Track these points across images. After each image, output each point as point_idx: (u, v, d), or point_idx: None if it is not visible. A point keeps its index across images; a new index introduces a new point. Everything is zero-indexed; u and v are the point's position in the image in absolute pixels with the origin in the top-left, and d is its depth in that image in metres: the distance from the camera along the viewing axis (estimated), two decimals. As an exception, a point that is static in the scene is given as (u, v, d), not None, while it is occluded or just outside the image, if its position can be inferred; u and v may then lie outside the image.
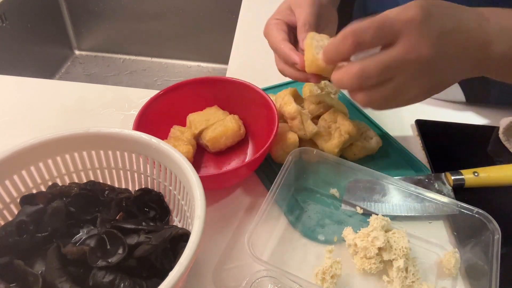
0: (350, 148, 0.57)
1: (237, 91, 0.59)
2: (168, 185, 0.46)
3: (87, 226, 0.43)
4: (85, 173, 0.48)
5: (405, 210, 0.51)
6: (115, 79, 1.31)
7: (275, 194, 0.47)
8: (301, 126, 0.54)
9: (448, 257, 0.46)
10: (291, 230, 0.50)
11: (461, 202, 0.47)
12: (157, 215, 0.46)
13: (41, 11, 1.20)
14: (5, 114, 0.66)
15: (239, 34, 0.89)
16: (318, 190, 0.54)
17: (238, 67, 0.79)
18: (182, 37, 1.32)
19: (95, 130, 0.45)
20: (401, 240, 0.45)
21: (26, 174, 0.43)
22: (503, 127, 0.62)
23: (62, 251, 0.37)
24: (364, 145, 0.57)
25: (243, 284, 0.43)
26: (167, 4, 1.26)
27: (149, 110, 0.55)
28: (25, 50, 1.16)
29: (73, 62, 1.36)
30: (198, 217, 0.36)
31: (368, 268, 0.44)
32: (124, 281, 0.36)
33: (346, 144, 0.55)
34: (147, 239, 0.39)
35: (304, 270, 0.46)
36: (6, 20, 1.06)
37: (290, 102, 0.54)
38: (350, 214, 0.52)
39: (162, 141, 0.44)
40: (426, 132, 0.64)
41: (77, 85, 0.73)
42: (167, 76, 1.33)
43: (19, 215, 0.41)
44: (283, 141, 0.54)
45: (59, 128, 0.44)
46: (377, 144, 0.57)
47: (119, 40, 1.35)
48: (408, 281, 0.43)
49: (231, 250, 0.48)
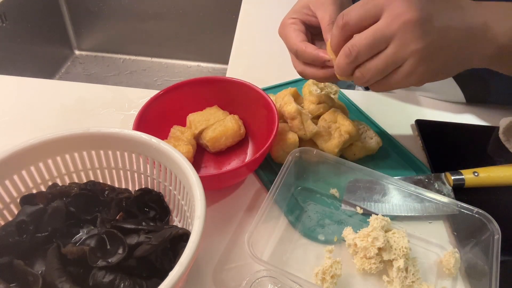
0: (350, 148, 0.57)
1: (237, 91, 0.59)
2: (168, 185, 0.46)
3: (87, 226, 0.43)
4: (85, 173, 0.48)
5: (405, 210, 0.51)
6: (115, 79, 1.31)
7: (275, 194, 0.47)
8: (301, 126, 0.54)
9: (448, 257, 0.46)
10: (291, 230, 0.50)
11: (461, 202, 0.47)
12: (157, 215, 0.46)
13: (41, 11, 1.20)
14: (5, 114, 0.66)
15: (239, 34, 0.89)
16: (318, 190, 0.54)
17: (238, 67, 0.79)
18: (182, 37, 1.32)
19: (95, 130, 0.45)
20: (401, 240, 0.45)
21: (26, 174, 0.43)
22: (503, 127, 0.62)
23: (62, 251, 0.37)
24: (364, 145, 0.57)
25: (243, 284, 0.43)
26: (167, 4, 1.26)
27: (149, 110, 0.55)
28: (25, 50, 1.16)
29: (73, 62, 1.36)
30: (198, 217, 0.36)
31: (368, 268, 0.44)
32: (124, 281, 0.36)
33: (346, 144, 0.55)
34: (147, 239, 0.39)
35: (304, 270, 0.46)
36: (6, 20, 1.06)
37: (290, 102, 0.54)
38: (350, 214, 0.52)
39: (162, 141, 0.43)
40: (426, 132, 0.64)
41: (77, 85, 0.73)
42: (167, 76, 1.33)
43: (19, 215, 0.41)
44: (283, 141, 0.54)
45: (59, 128, 0.44)
46: (377, 144, 0.57)
47: (119, 40, 1.35)
48: (408, 281, 0.43)
49: (231, 250, 0.48)
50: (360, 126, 0.58)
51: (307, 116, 0.55)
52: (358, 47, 0.42)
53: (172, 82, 0.76)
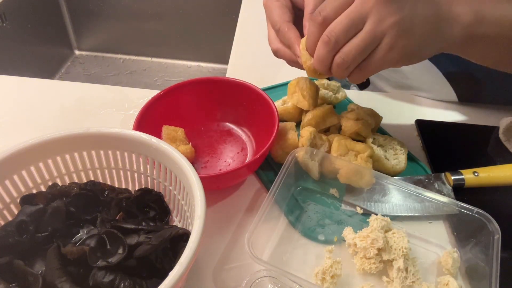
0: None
1: (237, 91, 0.59)
2: (168, 185, 0.46)
3: (87, 226, 0.43)
4: (85, 173, 0.48)
5: (405, 210, 0.51)
6: (115, 79, 1.31)
7: (275, 194, 0.47)
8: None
9: (446, 257, 0.46)
10: (291, 230, 0.50)
11: (461, 202, 0.47)
12: (157, 215, 0.46)
13: (41, 11, 1.20)
14: (5, 114, 0.66)
15: (239, 34, 0.89)
16: (318, 190, 0.54)
17: (238, 67, 0.79)
18: (182, 37, 1.32)
19: (95, 130, 0.45)
20: (401, 240, 0.45)
21: (26, 174, 0.43)
22: (503, 127, 0.62)
23: (62, 251, 0.37)
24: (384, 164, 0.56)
25: (243, 284, 0.43)
26: (167, 4, 1.26)
27: (150, 110, 0.55)
28: (25, 50, 1.16)
29: (73, 62, 1.36)
30: (198, 217, 0.36)
31: (368, 268, 0.44)
32: (124, 281, 0.36)
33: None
34: (147, 239, 0.39)
35: (304, 270, 0.46)
36: (6, 20, 1.06)
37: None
38: (350, 214, 0.52)
39: (162, 141, 0.44)
40: (426, 132, 0.64)
41: (77, 85, 0.73)
42: (167, 76, 1.33)
43: (19, 215, 0.41)
44: (283, 141, 0.54)
45: (59, 128, 0.44)
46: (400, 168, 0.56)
47: (119, 40, 1.35)
48: (408, 281, 0.43)
49: (231, 250, 0.48)
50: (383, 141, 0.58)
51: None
52: (336, 32, 0.42)
53: (172, 82, 0.76)
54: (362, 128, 0.56)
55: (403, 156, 0.55)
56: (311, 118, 0.57)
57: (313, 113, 0.57)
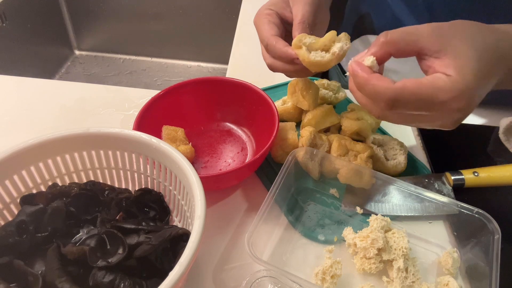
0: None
1: (237, 91, 0.59)
2: (168, 185, 0.46)
3: (87, 226, 0.43)
4: (85, 173, 0.48)
5: (405, 210, 0.51)
6: (115, 79, 1.31)
7: (275, 194, 0.47)
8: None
9: (446, 257, 0.46)
10: (291, 230, 0.50)
11: (461, 202, 0.47)
12: (157, 215, 0.46)
13: (41, 11, 1.20)
14: (5, 114, 0.66)
15: (239, 34, 0.89)
16: (318, 190, 0.54)
17: (238, 67, 0.79)
18: (182, 37, 1.32)
19: (95, 130, 0.45)
20: (401, 240, 0.45)
21: (26, 174, 0.43)
22: (503, 127, 0.62)
23: (62, 251, 0.37)
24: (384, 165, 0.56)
25: (243, 284, 0.43)
26: (167, 4, 1.26)
27: (150, 110, 0.55)
28: (25, 50, 1.16)
29: (73, 62, 1.36)
30: (198, 217, 0.36)
31: (368, 268, 0.44)
32: (124, 281, 0.36)
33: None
34: (147, 239, 0.39)
35: (304, 270, 0.46)
36: (6, 20, 1.06)
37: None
38: (350, 214, 0.52)
39: (162, 141, 0.44)
40: (426, 132, 0.64)
41: (77, 85, 0.73)
42: (167, 76, 1.33)
43: (19, 215, 0.41)
44: (283, 141, 0.54)
45: (59, 128, 0.44)
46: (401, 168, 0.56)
47: (119, 40, 1.35)
48: (408, 281, 0.43)
49: (231, 250, 0.48)
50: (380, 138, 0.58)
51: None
52: (402, 104, 0.38)
53: (172, 82, 0.76)
54: (362, 128, 0.56)
55: (403, 156, 0.55)
56: (311, 118, 0.57)
57: (313, 113, 0.57)
